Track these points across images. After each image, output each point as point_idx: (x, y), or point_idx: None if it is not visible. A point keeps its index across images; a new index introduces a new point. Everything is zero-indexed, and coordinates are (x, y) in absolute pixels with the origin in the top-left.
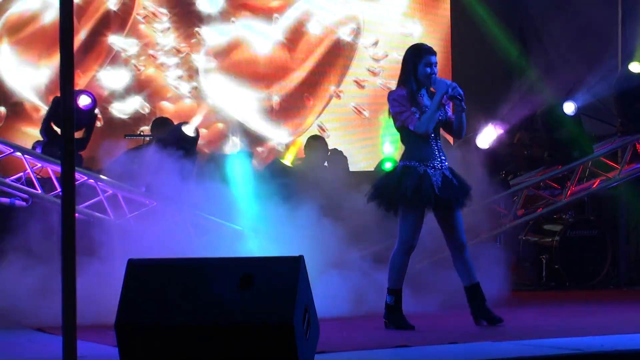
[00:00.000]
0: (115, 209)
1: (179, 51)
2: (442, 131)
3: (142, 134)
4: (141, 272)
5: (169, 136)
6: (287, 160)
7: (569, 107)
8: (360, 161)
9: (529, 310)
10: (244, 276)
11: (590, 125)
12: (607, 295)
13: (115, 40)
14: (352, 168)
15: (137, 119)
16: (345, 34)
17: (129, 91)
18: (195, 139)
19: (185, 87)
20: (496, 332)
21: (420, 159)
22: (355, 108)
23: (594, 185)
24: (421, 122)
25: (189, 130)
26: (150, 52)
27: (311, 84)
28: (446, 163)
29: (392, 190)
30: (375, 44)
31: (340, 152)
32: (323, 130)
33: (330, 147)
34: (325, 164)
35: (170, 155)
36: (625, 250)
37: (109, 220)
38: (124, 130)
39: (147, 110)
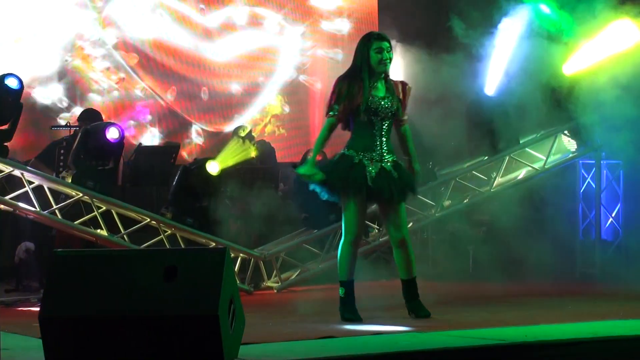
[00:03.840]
0: (41, 200)
1: (105, 43)
2: None
3: (68, 124)
4: (65, 264)
5: (94, 127)
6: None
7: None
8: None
9: (454, 301)
10: (168, 267)
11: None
12: (532, 285)
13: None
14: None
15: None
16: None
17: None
18: (120, 144)
19: (112, 79)
20: (421, 322)
21: (358, 149)
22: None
23: (520, 176)
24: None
25: (113, 134)
26: (79, 42)
27: (240, 78)
28: (390, 158)
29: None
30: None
31: (268, 143)
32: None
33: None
34: (253, 153)
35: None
36: (551, 242)
37: None
38: (48, 121)
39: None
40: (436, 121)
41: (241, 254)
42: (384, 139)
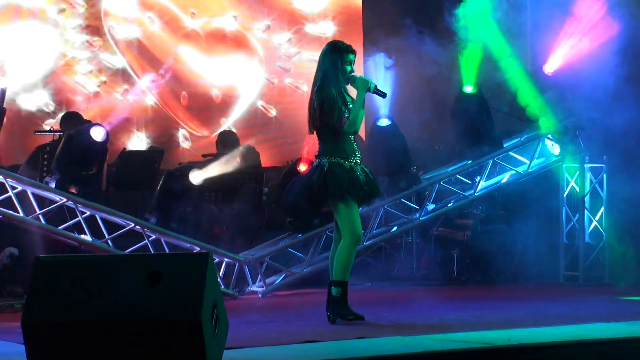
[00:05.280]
0: (25, 205)
1: (91, 44)
2: None
3: (52, 129)
4: (48, 269)
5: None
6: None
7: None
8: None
9: (438, 305)
10: (151, 273)
11: (500, 120)
12: (516, 289)
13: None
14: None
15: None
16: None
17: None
18: (104, 144)
19: (94, 82)
20: (405, 326)
21: (345, 156)
22: (263, 107)
23: (504, 180)
24: (351, 122)
25: (97, 134)
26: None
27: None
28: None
29: (322, 186)
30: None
31: (252, 147)
32: (267, 110)
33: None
34: (237, 159)
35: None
36: (535, 245)
37: None
38: (33, 126)
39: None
40: (421, 124)
41: (225, 259)
42: (357, 143)
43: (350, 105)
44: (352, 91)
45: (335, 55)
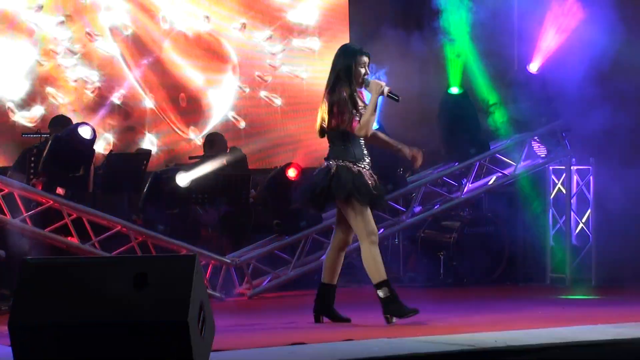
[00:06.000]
0: (12, 207)
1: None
2: None
3: (39, 131)
4: (35, 271)
5: (65, 133)
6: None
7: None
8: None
9: (425, 307)
10: (138, 275)
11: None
12: (503, 291)
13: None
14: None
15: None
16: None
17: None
18: (91, 142)
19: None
20: (392, 328)
21: (353, 160)
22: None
23: (490, 182)
24: (362, 125)
25: (85, 132)
26: (50, 47)
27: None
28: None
29: (327, 189)
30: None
31: (239, 149)
32: (237, 121)
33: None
34: (224, 161)
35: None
36: (522, 247)
37: None
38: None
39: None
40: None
41: (212, 261)
42: (366, 147)
43: (362, 110)
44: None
45: (349, 57)
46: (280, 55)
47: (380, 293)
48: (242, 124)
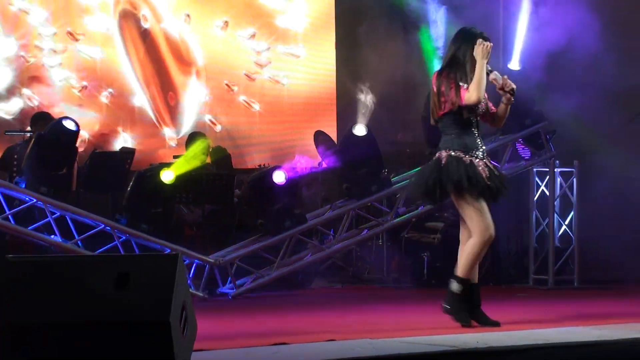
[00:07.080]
0: None
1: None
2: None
3: (22, 129)
4: (16, 270)
5: (49, 131)
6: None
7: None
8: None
9: (408, 308)
10: (120, 274)
11: None
12: (486, 292)
13: None
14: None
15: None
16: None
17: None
18: (75, 133)
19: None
20: (374, 329)
21: (465, 149)
22: (245, 102)
23: None
24: (471, 90)
25: (69, 124)
26: (36, 42)
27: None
28: (485, 154)
29: (438, 181)
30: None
31: (224, 149)
32: (214, 124)
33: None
34: (207, 158)
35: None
36: (505, 248)
37: None
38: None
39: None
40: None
41: (196, 260)
42: (480, 134)
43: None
44: None
45: (466, 41)
46: (265, 54)
47: (455, 287)
48: (219, 127)
